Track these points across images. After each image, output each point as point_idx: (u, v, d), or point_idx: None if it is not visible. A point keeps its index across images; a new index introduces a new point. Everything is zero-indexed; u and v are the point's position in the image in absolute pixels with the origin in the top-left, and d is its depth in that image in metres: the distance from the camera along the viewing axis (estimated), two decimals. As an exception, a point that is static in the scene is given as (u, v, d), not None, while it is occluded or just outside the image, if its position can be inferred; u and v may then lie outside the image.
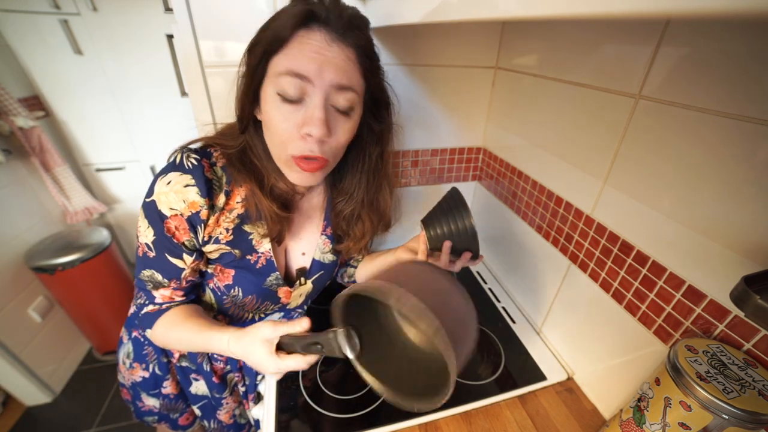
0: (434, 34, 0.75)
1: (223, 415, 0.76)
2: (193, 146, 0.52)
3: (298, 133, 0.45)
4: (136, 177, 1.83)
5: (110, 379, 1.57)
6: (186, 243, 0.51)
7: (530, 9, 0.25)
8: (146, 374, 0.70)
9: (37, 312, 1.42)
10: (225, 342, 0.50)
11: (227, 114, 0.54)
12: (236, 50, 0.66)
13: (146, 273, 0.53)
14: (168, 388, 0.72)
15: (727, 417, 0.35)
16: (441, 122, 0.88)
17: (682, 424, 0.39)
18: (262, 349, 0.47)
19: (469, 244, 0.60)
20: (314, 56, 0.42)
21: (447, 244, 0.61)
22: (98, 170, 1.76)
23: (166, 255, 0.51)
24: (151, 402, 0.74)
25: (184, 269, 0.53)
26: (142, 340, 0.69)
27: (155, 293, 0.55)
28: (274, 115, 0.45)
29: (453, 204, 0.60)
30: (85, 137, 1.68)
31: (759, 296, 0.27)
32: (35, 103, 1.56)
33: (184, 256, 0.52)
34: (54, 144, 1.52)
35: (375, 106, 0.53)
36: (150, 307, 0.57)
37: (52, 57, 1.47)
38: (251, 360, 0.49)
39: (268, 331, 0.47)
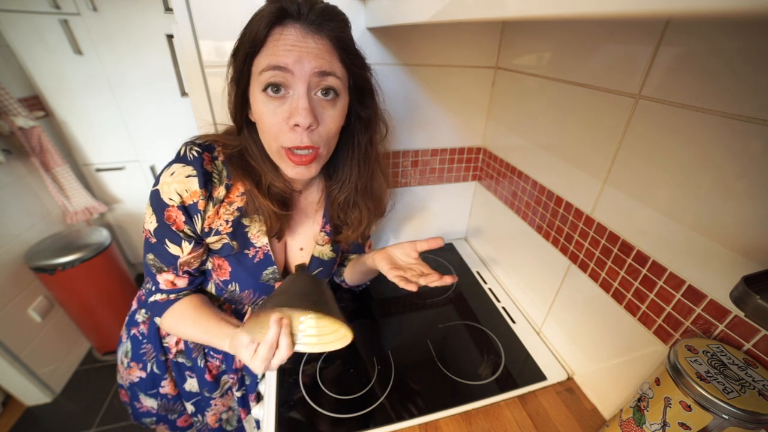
0: (434, 34, 0.75)
1: (209, 417, 0.75)
2: (198, 141, 0.54)
3: (287, 125, 0.46)
4: (136, 177, 1.83)
5: (110, 379, 1.57)
6: (186, 231, 0.53)
7: (530, 9, 0.25)
8: (143, 374, 0.71)
9: (37, 312, 1.42)
10: (225, 346, 0.53)
11: (227, 115, 0.55)
12: (236, 50, 0.66)
13: (150, 257, 0.56)
14: (166, 387, 0.72)
15: (727, 417, 0.35)
16: (441, 122, 0.88)
17: (682, 424, 0.39)
18: (246, 353, 0.47)
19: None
20: (291, 49, 0.43)
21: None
22: (98, 170, 1.76)
23: (166, 241, 0.54)
24: (149, 403, 0.74)
25: (179, 257, 0.55)
26: (140, 338, 0.69)
27: (159, 278, 0.57)
28: (262, 112, 0.47)
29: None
30: (85, 137, 1.67)
31: (759, 296, 0.27)
32: (35, 103, 1.55)
33: (183, 244, 0.54)
34: (54, 144, 1.51)
35: (360, 95, 0.55)
36: (159, 296, 0.59)
37: (52, 57, 1.47)
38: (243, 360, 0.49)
39: (245, 339, 0.47)
